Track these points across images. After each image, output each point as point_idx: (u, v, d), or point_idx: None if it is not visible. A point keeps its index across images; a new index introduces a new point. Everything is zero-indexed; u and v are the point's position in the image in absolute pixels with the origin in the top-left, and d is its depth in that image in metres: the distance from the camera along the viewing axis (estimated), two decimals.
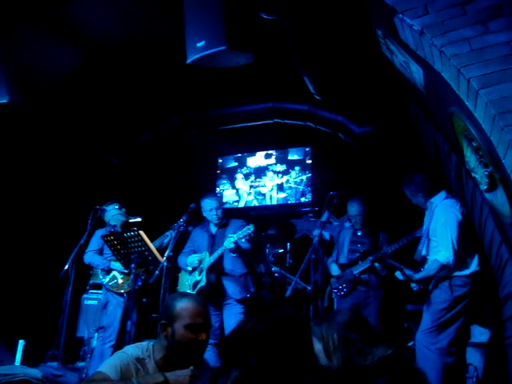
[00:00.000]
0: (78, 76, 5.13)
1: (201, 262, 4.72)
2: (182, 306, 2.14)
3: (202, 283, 4.65)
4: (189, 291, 4.72)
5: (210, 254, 4.69)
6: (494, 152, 2.50)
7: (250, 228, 4.47)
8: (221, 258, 4.68)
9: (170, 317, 2.14)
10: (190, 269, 4.78)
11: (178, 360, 2.11)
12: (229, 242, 4.47)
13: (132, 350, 2.17)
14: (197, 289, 4.67)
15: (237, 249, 4.55)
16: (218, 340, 4.59)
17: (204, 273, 4.66)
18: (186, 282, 4.83)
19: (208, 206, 4.79)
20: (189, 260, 4.80)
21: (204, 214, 4.88)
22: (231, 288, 4.65)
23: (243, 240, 4.57)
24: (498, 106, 2.32)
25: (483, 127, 2.49)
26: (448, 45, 2.52)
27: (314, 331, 1.90)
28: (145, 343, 2.23)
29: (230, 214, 5.41)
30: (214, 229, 4.88)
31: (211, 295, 4.61)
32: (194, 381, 1.99)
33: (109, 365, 2.07)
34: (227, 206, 7.23)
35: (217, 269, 4.68)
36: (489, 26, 2.44)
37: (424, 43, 2.69)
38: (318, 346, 1.83)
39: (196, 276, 4.74)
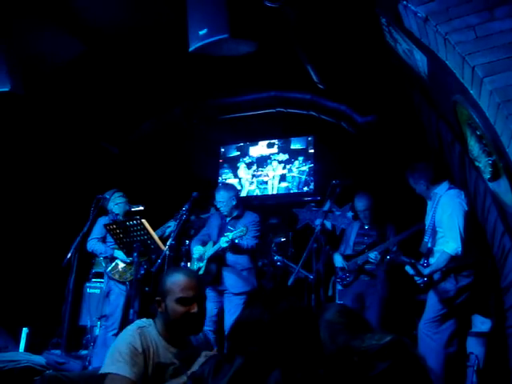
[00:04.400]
0: (79, 64, 5.11)
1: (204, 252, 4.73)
2: (172, 280, 2.16)
3: (201, 272, 4.64)
4: None
5: (214, 244, 4.69)
6: (497, 140, 2.48)
7: (244, 231, 4.42)
8: (224, 249, 4.62)
9: (163, 292, 2.16)
10: (195, 256, 4.78)
11: (177, 333, 2.14)
12: (223, 240, 4.42)
13: (132, 325, 2.18)
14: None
15: (232, 247, 4.50)
16: (215, 327, 4.60)
17: (204, 262, 4.66)
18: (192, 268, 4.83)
19: (217, 197, 4.77)
20: (194, 250, 4.79)
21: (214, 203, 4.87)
22: (230, 281, 4.61)
23: (237, 240, 4.48)
24: (502, 94, 2.30)
25: (487, 115, 2.48)
26: (453, 32, 2.49)
27: None
28: (144, 319, 2.24)
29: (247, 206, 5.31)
30: (228, 218, 4.85)
31: (211, 283, 4.63)
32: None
33: (117, 362, 2.00)
34: None
35: (218, 260, 4.66)
36: (494, 13, 2.41)
37: (428, 30, 2.66)
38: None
39: (198, 263, 4.75)
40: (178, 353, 2.13)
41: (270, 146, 7.32)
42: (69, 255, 4.45)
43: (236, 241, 4.47)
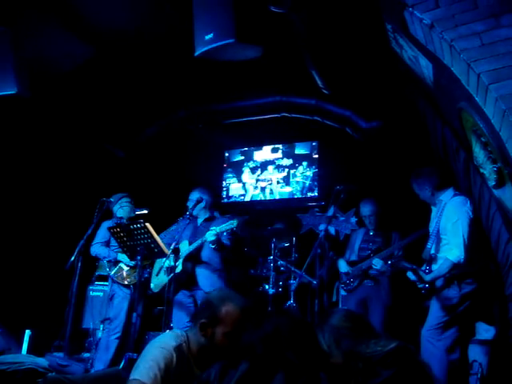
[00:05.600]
0: (86, 68, 5.13)
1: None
2: (228, 310, 2.06)
3: (178, 270, 4.65)
4: (164, 276, 4.75)
5: (190, 243, 4.73)
6: (503, 147, 2.48)
7: (234, 223, 4.46)
8: (199, 248, 4.72)
9: (213, 319, 2.06)
10: (166, 265, 4.71)
11: (209, 359, 2.05)
12: (210, 234, 4.48)
13: (169, 340, 2.09)
14: (172, 274, 4.65)
15: (217, 242, 4.56)
16: None
17: (181, 260, 4.68)
18: (161, 265, 4.74)
19: (190, 195, 4.94)
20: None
21: None
22: (202, 279, 4.68)
23: (225, 234, 4.59)
24: (508, 101, 2.30)
25: (493, 122, 2.48)
26: (458, 39, 2.50)
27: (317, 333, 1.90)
28: (178, 331, 2.17)
29: (235, 208, 5.41)
30: (199, 220, 4.94)
31: (185, 283, 4.67)
32: None
33: (146, 372, 1.95)
34: (233, 199, 7.23)
35: (194, 258, 4.73)
36: (500, 20, 2.41)
37: (434, 37, 2.67)
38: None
39: (172, 261, 4.74)
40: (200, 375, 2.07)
41: (275, 150, 7.31)
42: (72, 258, 4.45)
43: (224, 234, 4.51)
